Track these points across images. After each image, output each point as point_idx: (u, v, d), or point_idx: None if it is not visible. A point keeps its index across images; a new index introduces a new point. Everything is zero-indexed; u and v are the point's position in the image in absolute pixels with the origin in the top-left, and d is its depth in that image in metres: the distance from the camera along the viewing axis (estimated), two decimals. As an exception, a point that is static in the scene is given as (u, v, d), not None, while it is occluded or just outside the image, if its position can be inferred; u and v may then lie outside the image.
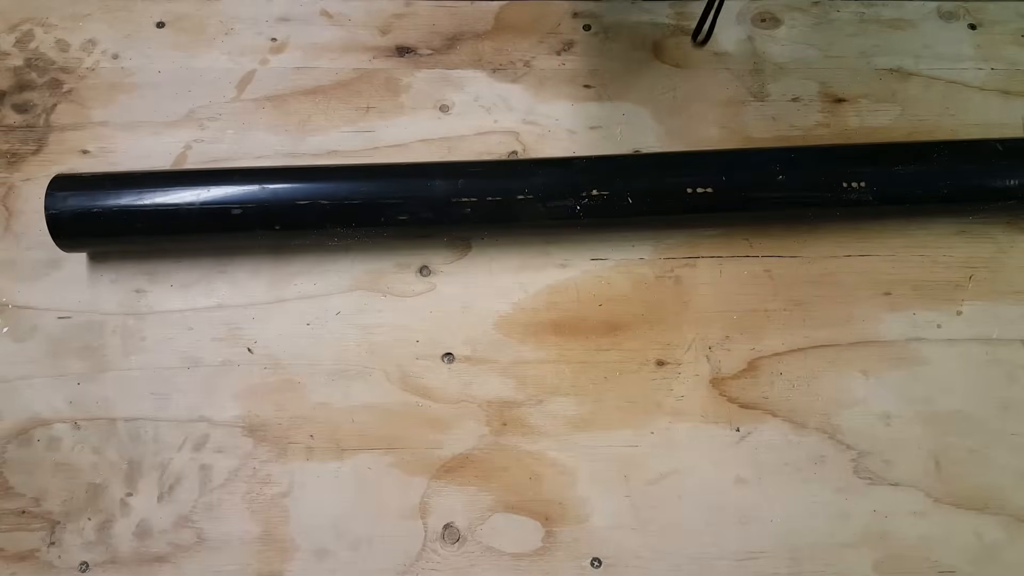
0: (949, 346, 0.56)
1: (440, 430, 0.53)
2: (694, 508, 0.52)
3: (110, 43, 0.60)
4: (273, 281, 0.56)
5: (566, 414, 0.54)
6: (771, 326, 0.56)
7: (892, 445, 0.54)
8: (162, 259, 0.56)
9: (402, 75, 0.61)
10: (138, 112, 0.59)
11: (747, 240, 0.58)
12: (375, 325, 0.55)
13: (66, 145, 0.58)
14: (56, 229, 0.51)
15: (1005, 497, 0.53)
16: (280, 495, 0.52)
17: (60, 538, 0.51)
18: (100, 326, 0.55)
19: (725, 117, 0.61)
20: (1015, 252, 0.58)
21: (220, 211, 0.51)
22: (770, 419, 0.54)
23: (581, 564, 0.51)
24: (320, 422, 0.53)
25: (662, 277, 0.57)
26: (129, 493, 0.52)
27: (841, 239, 0.58)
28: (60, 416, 0.53)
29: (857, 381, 0.55)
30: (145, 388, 0.54)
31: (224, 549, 0.51)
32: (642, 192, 0.53)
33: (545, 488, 0.52)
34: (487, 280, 0.56)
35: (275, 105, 0.60)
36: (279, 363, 0.54)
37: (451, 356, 0.55)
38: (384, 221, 0.53)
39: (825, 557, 0.51)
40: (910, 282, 0.57)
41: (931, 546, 0.52)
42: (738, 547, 0.52)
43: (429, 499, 0.52)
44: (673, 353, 0.55)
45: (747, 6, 0.63)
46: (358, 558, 0.51)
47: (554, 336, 0.55)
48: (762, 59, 0.62)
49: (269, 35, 0.62)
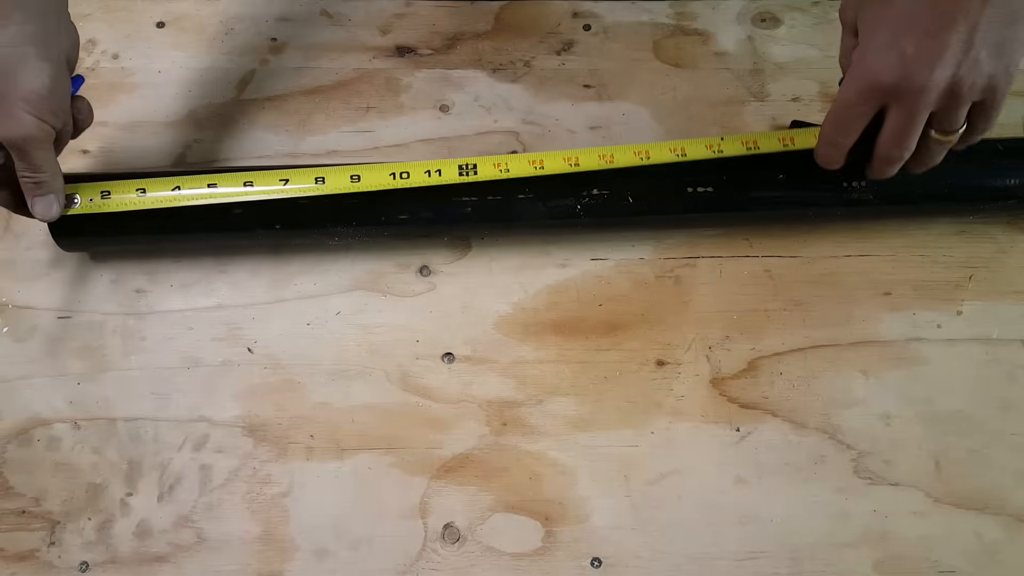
0: (949, 346, 0.56)
1: (440, 430, 0.53)
2: (694, 508, 0.52)
3: (110, 43, 0.60)
4: (273, 281, 0.56)
5: (566, 414, 0.54)
6: (771, 326, 0.56)
7: (892, 445, 0.54)
8: (162, 259, 0.56)
9: (402, 75, 0.61)
10: (138, 112, 0.59)
11: (747, 240, 0.58)
12: (375, 325, 0.55)
13: (66, 145, 0.58)
14: (57, 228, 0.51)
15: (1005, 497, 0.53)
16: (280, 495, 0.52)
17: (60, 538, 0.51)
18: (100, 326, 0.55)
19: (725, 117, 0.61)
20: (1015, 252, 0.58)
21: (221, 210, 0.51)
22: (770, 419, 0.54)
23: (581, 564, 0.51)
24: (320, 422, 0.53)
25: (662, 277, 0.57)
26: (129, 493, 0.52)
27: (841, 239, 0.58)
28: (60, 416, 0.53)
29: (857, 381, 0.55)
30: (145, 388, 0.54)
31: (224, 549, 0.51)
32: (642, 191, 0.53)
33: (545, 488, 0.53)
34: (487, 280, 0.56)
35: (275, 105, 0.60)
36: (279, 363, 0.54)
37: (451, 356, 0.55)
38: (384, 220, 0.53)
39: (825, 557, 0.51)
40: (910, 282, 0.57)
41: (931, 546, 0.52)
42: (738, 547, 0.52)
43: (429, 499, 0.52)
44: (673, 353, 0.55)
45: (747, 6, 0.63)
46: (358, 558, 0.51)
47: (554, 336, 0.55)
48: (762, 59, 0.62)
49: (269, 35, 0.62)
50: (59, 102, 0.45)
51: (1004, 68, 0.45)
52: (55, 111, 0.45)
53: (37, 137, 0.44)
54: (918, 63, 0.44)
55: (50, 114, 0.44)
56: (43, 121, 0.44)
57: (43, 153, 0.45)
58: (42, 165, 0.45)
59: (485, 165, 0.52)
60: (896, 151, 0.48)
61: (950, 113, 0.47)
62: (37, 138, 0.44)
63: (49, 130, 0.45)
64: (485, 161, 0.52)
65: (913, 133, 0.47)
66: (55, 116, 0.45)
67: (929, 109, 0.46)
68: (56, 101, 0.44)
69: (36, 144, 0.44)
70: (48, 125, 0.44)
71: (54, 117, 0.45)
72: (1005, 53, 0.44)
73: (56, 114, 0.45)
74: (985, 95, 0.46)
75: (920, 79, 0.44)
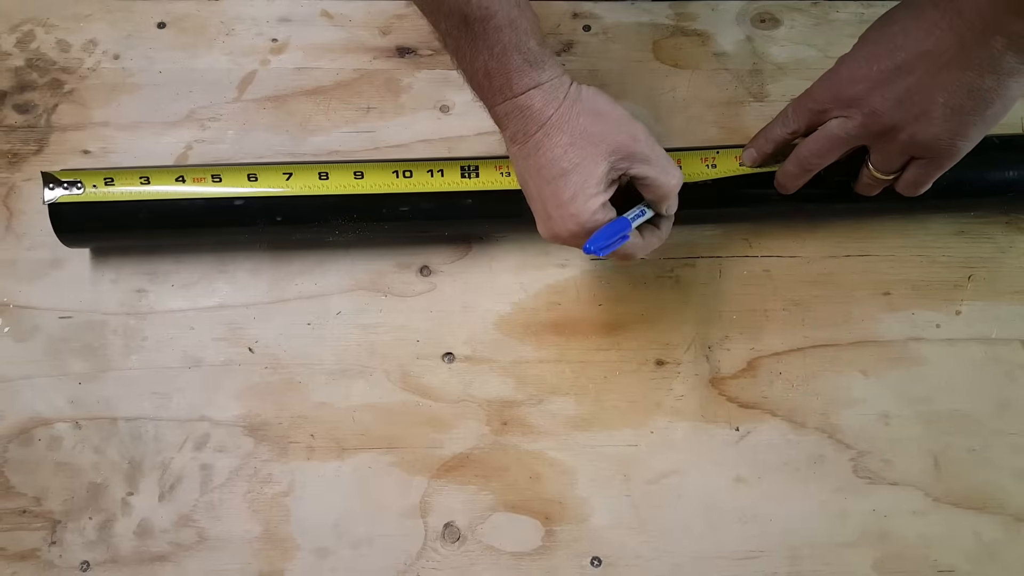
0: (948, 346, 0.56)
1: (440, 429, 0.53)
2: (694, 507, 0.52)
3: (111, 43, 0.60)
4: (274, 281, 0.56)
5: (566, 414, 0.54)
6: (770, 326, 0.56)
7: (891, 445, 0.54)
8: (163, 259, 0.56)
9: (403, 75, 0.61)
10: (139, 112, 0.59)
11: (746, 240, 0.58)
12: (376, 325, 0.55)
13: (67, 145, 0.58)
14: (58, 221, 0.51)
15: (1004, 496, 0.53)
16: (281, 494, 0.52)
17: (61, 537, 0.51)
18: (101, 326, 0.55)
19: (725, 117, 0.61)
20: (1014, 252, 0.58)
21: (222, 202, 0.51)
22: (769, 419, 0.54)
23: (581, 563, 0.51)
24: (321, 421, 0.53)
25: (662, 277, 0.57)
26: (130, 492, 0.52)
27: (840, 239, 0.58)
28: (61, 416, 0.53)
29: (856, 381, 0.55)
30: (146, 388, 0.54)
31: (225, 548, 0.51)
32: None
33: (545, 488, 0.53)
34: (487, 280, 0.57)
35: (276, 105, 0.60)
36: (280, 363, 0.54)
37: (451, 356, 0.55)
38: (385, 213, 0.53)
39: (824, 556, 0.52)
40: (909, 282, 0.57)
41: (930, 545, 0.52)
42: (737, 546, 0.52)
43: (429, 498, 0.52)
44: (672, 353, 0.55)
45: (747, 6, 0.63)
46: (358, 557, 0.51)
47: (554, 336, 0.56)
48: (762, 59, 0.62)
49: (270, 36, 0.62)
50: None
51: (951, 134, 0.44)
52: None
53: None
54: (871, 81, 0.44)
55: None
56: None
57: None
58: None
59: (487, 169, 0.52)
60: (810, 157, 0.49)
61: (885, 153, 0.47)
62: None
63: None
64: (487, 164, 0.53)
65: (834, 145, 0.47)
66: None
67: (860, 126, 0.46)
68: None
69: None
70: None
71: None
72: (960, 122, 0.44)
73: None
74: (926, 154, 0.46)
75: (866, 98, 0.45)
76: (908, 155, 0.47)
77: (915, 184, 0.49)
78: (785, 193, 0.52)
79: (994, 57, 0.41)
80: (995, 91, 0.42)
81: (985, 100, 0.43)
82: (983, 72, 0.42)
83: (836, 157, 0.48)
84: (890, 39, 0.44)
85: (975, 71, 0.42)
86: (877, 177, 0.49)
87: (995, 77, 0.42)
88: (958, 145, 0.45)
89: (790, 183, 0.51)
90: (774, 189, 0.53)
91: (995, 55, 0.41)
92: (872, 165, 0.49)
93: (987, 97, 0.43)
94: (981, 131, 0.45)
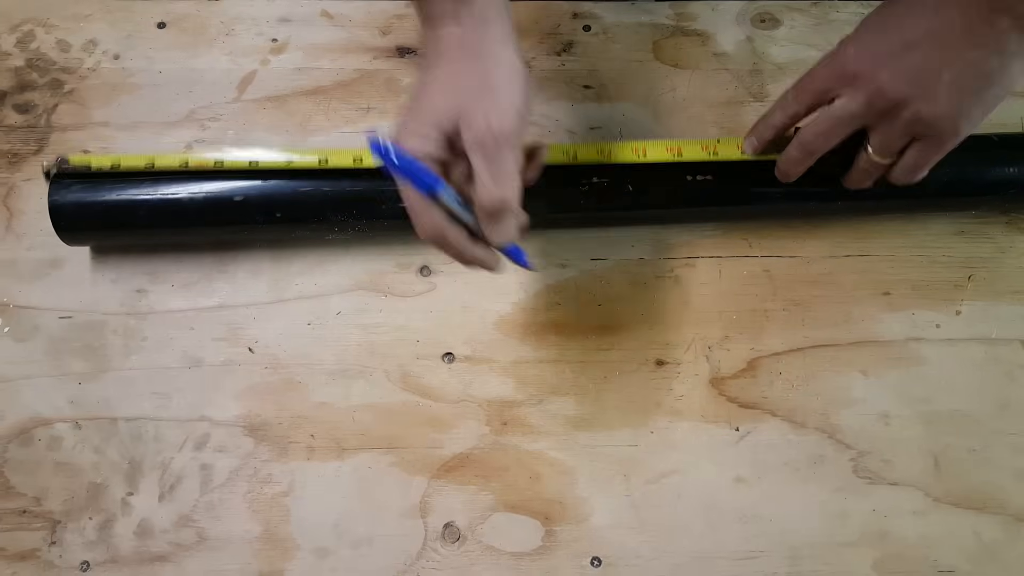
0: (948, 346, 0.56)
1: (440, 429, 0.53)
2: (694, 507, 0.52)
3: (111, 43, 0.60)
4: (274, 281, 0.56)
5: (566, 414, 0.54)
6: (770, 326, 0.56)
7: (891, 445, 0.54)
8: (163, 259, 0.56)
9: (403, 75, 0.61)
10: (139, 112, 0.59)
11: (746, 240, 0.58)
12: (376, 325, 0.55)
13: (67, 145, 0.58)
14: (58, 219, 0.51)
15: (1004, 497, 0.53)
16: (281, 494, 0.52)
17: (61, 537, 0.51)
18: (101, 326, 0.55)
19: (725, 117, 0.61)
20: (1014, 252, 0.58)
21: (222, 199, 0.51)
22: (769, 419, 0.54)
23: (581, 563, 0.51)
24: (321, 421, 0.53)
25: (662, 277, 0.57)
26: (130, 492, 0.52)
27: (840, 239, 0.58)
28: (61, 416, 0.53)
29: (856, 381, 0.55)
30: (146, 388, 0.54)
31: (225, 548, 0.51)
32: (642, 179, 0.54)
33: (545, 488, 0.53)
34: (487, 280, 0.57)
35: (276, 105, 0.60)
36: (280, 363, 0.54)
37: (451, 356, 0.55)
38: (385, 210, 0.53)
39: (824, 556, 0.52)
40: (909, 282, 0.57)
41: (930, 545, 0.52)
42: (738, 546, 0.52)
43: (429, 498, 0.52)
44: (672, 353, 0.55)
45: (747, 6, 0.64)
46: (358, 557, 0.51)
47: (554, 336, 0.56)
48: (762, 59, 0.62)
49: (270, 36, 0.62)
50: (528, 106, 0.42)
51: (955, 113, 0.44)
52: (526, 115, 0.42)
53: (517, 132, 0.41)
54: (877, 58, 0.44)
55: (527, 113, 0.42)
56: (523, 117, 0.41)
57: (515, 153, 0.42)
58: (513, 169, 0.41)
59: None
60: (814, 140, 0.48)
61: (886, 134, 0.46)
62: (517, 133, 0.41)
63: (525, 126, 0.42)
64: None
65: (837, 125, 0.47)
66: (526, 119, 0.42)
67: (864, 104, 0.45)
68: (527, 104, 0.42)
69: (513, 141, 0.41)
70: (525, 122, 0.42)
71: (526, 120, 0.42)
72: (964, 100, 0.43)
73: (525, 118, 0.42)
74: (928, 132, 0.45)
75: (871, 74, 0.44)
76: (909, 135, 0.46)
77: (914, 168, 0.48)
78: (787, 181, 0.51)
79: (999, 37, 0.41)
80: (999, 71, 0.42)
81: (989, 79, 0.43)
82: (988, 51, 0.42)
83: (839, 139, 0.47)
84: (897, 18, 0.44)
85: (980, 50, 0.42)
86: (875, 161, 0.48)
87: (999, 57, 0.42)
88: (960, 124, 0.44)
89: (792, 169, 0.50)
90: (775, 187, 0.53)
91: (1000, 35, 0.41)
92: (871, 148, 0.48)
93: (991, 77, 0.43)
94: (983, 111, 0.44)
